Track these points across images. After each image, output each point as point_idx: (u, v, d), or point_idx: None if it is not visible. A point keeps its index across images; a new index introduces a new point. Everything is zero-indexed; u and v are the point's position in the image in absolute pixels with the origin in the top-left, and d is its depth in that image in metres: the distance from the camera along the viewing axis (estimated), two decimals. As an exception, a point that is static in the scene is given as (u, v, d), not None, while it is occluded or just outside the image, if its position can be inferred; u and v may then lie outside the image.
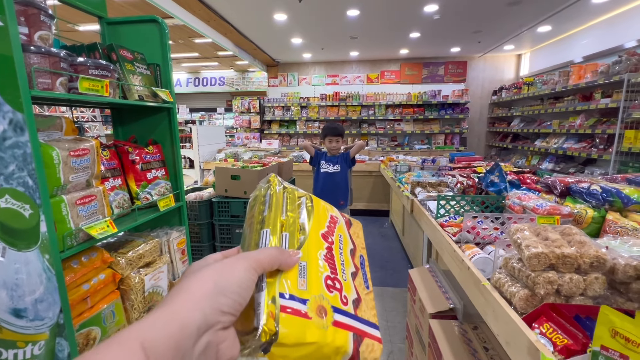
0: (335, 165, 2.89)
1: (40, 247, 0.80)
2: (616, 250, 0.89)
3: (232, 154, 4.98)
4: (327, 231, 0.42)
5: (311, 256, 0.36)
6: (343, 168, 2.90)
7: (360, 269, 0.43)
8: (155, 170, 1.29)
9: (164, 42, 1.27)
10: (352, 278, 0.40)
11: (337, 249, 0.41)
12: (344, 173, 2.91)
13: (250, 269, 0.30)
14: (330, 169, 2.89)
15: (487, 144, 7.19)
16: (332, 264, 0.38)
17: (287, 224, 0.38)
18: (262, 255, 0.31)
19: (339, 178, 2.89)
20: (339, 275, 0.38)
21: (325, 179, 2.90)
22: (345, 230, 0.46)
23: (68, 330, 0.85)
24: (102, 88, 0.94)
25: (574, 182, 1.52)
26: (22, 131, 0.74)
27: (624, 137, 3.31)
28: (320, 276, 0.35)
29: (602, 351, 0.65)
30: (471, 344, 1.21)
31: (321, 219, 0.43)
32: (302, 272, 0.34)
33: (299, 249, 0.36)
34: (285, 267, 0.33)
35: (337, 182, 2.89)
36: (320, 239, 0.39)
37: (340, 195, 2.90)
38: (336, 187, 2.89)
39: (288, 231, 0.37)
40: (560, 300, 0.87)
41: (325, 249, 0.39)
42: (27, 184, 0.77)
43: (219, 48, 6.12)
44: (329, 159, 2.92)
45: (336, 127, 2.93)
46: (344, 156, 2.93)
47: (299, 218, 0.40)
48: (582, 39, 5.00)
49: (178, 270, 1.35)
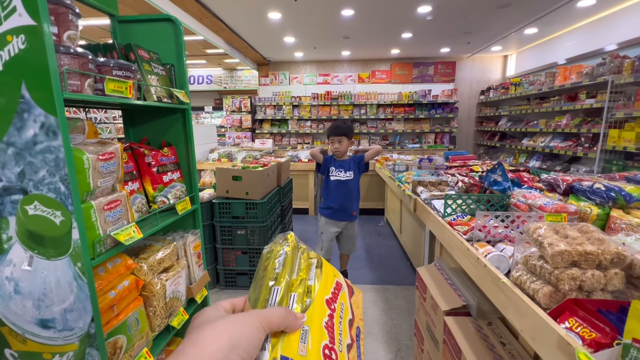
0: (348, 172, 2.52)
1: (71, 255, 0.78)
2: (632, 246, 0.94)
3: (226, 154, 4.92)
4: (331, 297, 0.43)
5: (314, 322, 0.37)
6: (356, 174, 2.55)
7: (356, 341, 0.44)
8: (170, 172, 1.27)
9: (179, 42, 1.25)
10: (347, 350, 0.41)
11: (338, 318, 0.42)
12: (357, 180, 2.58)
13: (260, 328, 0.31)
14: (342, 176, 2.51)
15: (475, 142, 7.37)
16: (331, 333, 0.39)
17: (297, 285, 0.39)
18: (271, 315, 0.32)
19: (352, 186, 2.54)
20: (336, 345, 0.38)
21: (338, 188, 2.52)
22: (347, 299, 0.47)
23: (99, 340, 0.83)
24: (126, 89, 0.91)
25: (576, 180, 1.59)
26: (55, 135, 0.72)
27: (608, 136, 3.46)
28: (319, 344, 0.36)
29: (634, 343, 0.69)
30: (488, 339, 1.24)
31: (327, 284, 0.44)
32: (304, 336, 0.35)
33: (304, 311, 0.37)
34: (290, 329, 0.34)
35: (350, 190, 2.53)
36: (324, 304, 0.40)
37: (354, 205, 2.58)
38: (350, 197, 2.54)
39: (296, 292, 0.38)
40: (582, 296, 0.91)
41: (327, 315, 0.40)
42: (59, 190, 0.74)
43: (208, 46, 6.01)
44: (339, 165, 2.54)
45: (338, 126, 2.51)
46: (357, 161, 2.57)
47: (308, 280, 0.41)
48: (566, 42, 5.20)
49: (195, 275, 1.33)
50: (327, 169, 2.57)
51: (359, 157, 2.58)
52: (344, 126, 2.52)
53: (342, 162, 2.55)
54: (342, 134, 2.49)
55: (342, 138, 2.49)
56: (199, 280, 1.36)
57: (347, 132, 2.52)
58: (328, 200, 2.57)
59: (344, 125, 2.53)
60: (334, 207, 2.53)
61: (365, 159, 2.56)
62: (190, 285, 1.31)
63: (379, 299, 2.62)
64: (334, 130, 2.51)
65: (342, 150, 2.51)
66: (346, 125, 2.53)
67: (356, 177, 2.55)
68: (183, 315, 1.23)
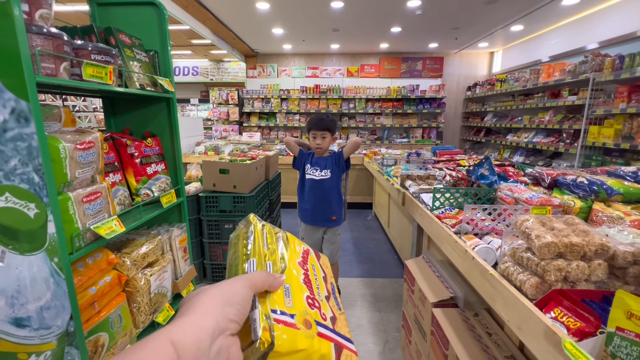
0: (324, 170, 2.21)
1: (47, 249, 0.73)
2: (615, 238, 0.96)
3: (213, 147, 4.82)
4: (302, 260, 0.47)
5: (293, 279, 0.41)
6: (335, 173, 2.23)
7: (332, 293, 0.49)
8: (155, 164, 1.22)
9: (163, 27, 1.19)
10: (327, 300, 0.45)
11: (312, 275, 0.46)
12: (336, 179, 2.25)
13: (247, 287, 0.35)
14: (317, 175, 2.21)
15: (461, 138, 7.49)
16: (310, 287, 0.43)
17: (269, 255, 0.43)
18: (254, 276, 0.36)
19: (329, 186, 2.22)
20: (316, 296, 0.43)
21: (312, 188, 2.23)
22: (316, 261, 0.52)
23: (79, 338, 0.79)
24: (106, 75, 0.86)
25: (560, 174, 1.62)
26: (27, 122, 0.67)
27: (589, 133, 3.57)
28: (302, 296, 0.40)
29: (617, 332, 0.70)
30: (475, 330, 1.26)
31: (296, 250, 0.48)
32: (287, 292, 0.39)
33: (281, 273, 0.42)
34: (273, 288, 0.38)
35: (326, 191, 2.22)
36: (298, 266, 0.45)
37: (332, 208, 2.26)
38: (326, 199, 2.23)
39: (271, 260, 0.42)
40: (567, 286, 0.93)
41: (302, 274, 0.44)
42: (32, 180, 0.69)
43: (194, 36, 5.85)
44: (315, 162, 2.24)
45: (322, 119, 2.19)
46: (335, 158, 2.25)
47: (278, 249, 0.45)
48: (550, 39, 5.30)
49: (181, 270, 1.30)
50: (302, 165, 2.28)
51: (338, 153, 2.27)
52: (328, 119, 2.22)
53: (319, 159, 2.25)
54: (325, 128, 2.18)
55: (325, 133, 2.20)
56: (185, 275, 1.32)
57: (331, 127, 2.22)
58: (303, 202, 2.31)
59: (328, 119, 2.23)
60: (309, 209, 2.27)
61: (344, 155, 2.25)
62: (176, 280, 1.27)
63: (367, 292, 2.64)
64: (317, 123, 2.18)
65: (324, 147, 2.23)
66: (330, 119, 2.23)
67: (335, 176, 2.23)
68: (169, 311, 1.20)
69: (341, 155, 2.25)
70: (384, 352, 1.96)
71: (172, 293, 1.25)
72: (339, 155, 2.25)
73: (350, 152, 2.25)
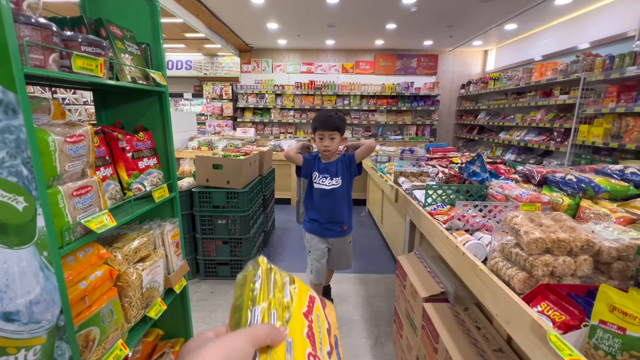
0: (335, 178, 1.96)
1: (36, 243, 0.72)
2: (601, 234, 0.99)
3: (206, 142, 4.79)
4: (308, 310, 0.46)
5: (296, 333, 0.40)
6: (345, 180, 1.99)
7: (335, 348, 0.47)
8: (147, 158, 1.21)
9: (155, 20, 1.17)
10: (329, 356, 0.44)
11: (317, 327, 0.45)
12: (347, 186, 2.02)
13: (250, 342, 0.33)
14: (328, 184, 1.96)
15: (455, 135, 7.54)
16: (312, 342, 0.42)
17: (275, 303, 0.42)
18: (258, 330, 0.35)
19: (340, 195, 1.98)
20: (318, 352, 0.41)
21: (323, 199, 1.98)
22: (321, 310, 0.50)
23: (69, 332, 0.78)
24: (96, 67, 0.85)
25: (550, 172, 1.65)
26: (15, 114, 0.66)
27: (579, 131, 3.62)
28: (304, 352, 0.39)
29: (600, 325, 0.73)
30: (464, 324, 1.29)
31: (302, 299, 0.47)
32: (289, 347, 0.37)
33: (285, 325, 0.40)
34: (276, 342, 0.36)
35: (338, 201, 1.99)
36: (302, 317, 0.44)
37: (344, 218, 2.04)
38: (337, 209, 2.00)
39: (276, 309, 0.41)
40: (554, 281, 0.95)
41: (307, 327, 0.43)
42: (20, 173, 0.68)
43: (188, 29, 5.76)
44: (324, 168, 1.97)
45: (330, 117, 1.89)
46: (346, 162, 1.99)
47: (284, 297, 0.44)
48: (543, 39, 5.36)
49: (173, 265, 1.29)
50: (309, 173, 2.00)
51: (349, 156, 1.99)
52: (337, 117, 1.91)
53: (327, 165, 1.98)
54: (334, 127, 1.89)
55: (334, 134, 1.90)
56: (177, 270, 1.32)
57: (341, 126, 1.92)
58: (312, 213, 2.05)
59: (337, 116, 1.91)
60: (320, 220, 2.03)
61: (357, 158, 1.97)
62: (168, 275, 1.27)
63: (360, 287, 2.67)
64: (325, 122, 1.88)
65: (333, 149, 1.93)
66: (339, 116, 1.92)
67: (346, 182, 2.00)
68: (161, 305, 1.20)
69: (352, 159, 1.98)
70: (375, 347, 1.98)
71: (165, 288, 1.25)
72: (350, 159, 1.99)
73: (363, 157, 1.98)
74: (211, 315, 2.29)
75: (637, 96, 2.94)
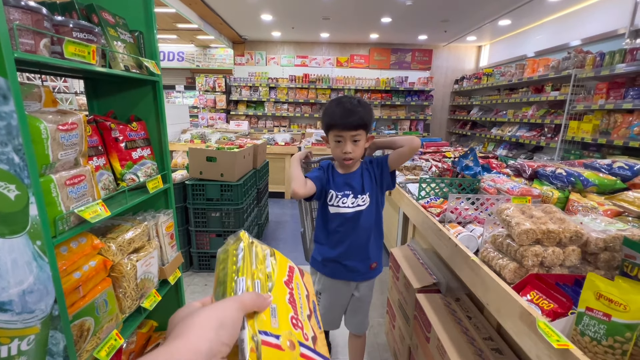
0: (361, 196, 1.31)
1: (29, 232, 0.71)
2: (589, 226, 1.02)
3: (199, 135, 4.73)
4: (288, 279, 0.49)
5: (279, 299, 0.43)
6: (375, 197, 1.34)
7: (313, 312, 0.51)
8: (140, 149, 1.20)
9: (148, 7, 1.15)
10: (309, 319, 0.47)
11: (297, 294, 0.48)
12: (377, 207, 1.36)
13: (238, 309, 0.36)
14: (350, 206, 1.30)
15: (448, 130, 7.60)
16: (294, 307, 0.45)
17: (257, 273, 0.44)
18: (244, 298, 0.37)
19: (368, 220, 1.33)
20: (299, 316, 0.45)
21: (342, 228, 1.33)
22: (300, 279, 0.53)
23: (63, 322, 0.78)
24: (89, 54, 0.83)
25: (540, 166, 1.68)
26: (6, 99, 0.64)
27: (569, 127, 3.68)
28: (287, 316, 0.42)
29: (587, 312, 0.75)
30: (456, 314, 1.32)
31: (283, 269, 0.50)
32: (274, 313, 0.40)
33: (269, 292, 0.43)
34: (261, 309, 0.39)
35: (365, 229, 1.33)
36: (284, 285, 0.47)
37: (371, 251, 1.38)
38: (364, 240, 1.35)
39: (259, 279, 0.43)
40: (543, 271, 0.98)
41: (288, 294, 0.46)
42: (12, 161, 0.67)
43: (180, 20, 5.65)
44: (343, 183, 1.32)
45: (353, 110, 1.19)
46: (375, 172, 1.34)
47: (266, 268, 0.47)
48: (536, 35, 5.40)
49: (167, 256, 1.29)
50: (323, 191, 1.33)
51: (378, 161, 1.34)
52: (362, 108, 1.20)
53: (348, 177, 1.32)
54: (359, 124, 1.20)
55: (359, 133, 1.22)
56: (172, 261, 1.32)
57: (368, 121, 1.22)
58: (325, 249, 1.37)
59: (361, 107, 1.21)
60: (336, 258, 1.36)
61: (391, 164, 1.32)
62: (162, 266, 1.27)
63: (353, 279, 2.69)
64: (345, 117, 1.19)
65: (357, 156, 1.26)
66: (364, 107, 1.22)
67: (375, 201, 1.34)
68: (155, 296, 1.20)
69: (384, 166, 1.32)
70: (368, 338, 2.01)
71: (159, 279, 1.25)
72: (381, 165, 1.32)
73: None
74: (205, 308, 2.29)
75: (626, 93, 3.00)
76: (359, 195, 1.32)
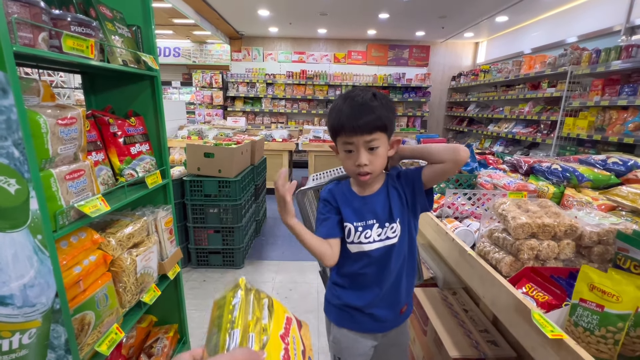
0: (390, 225, 0.97)
1: (30, 226, 0.72)
2: (583, 220, 1.03)
3: (196, 131, 4.71)
4: (284, 332, 0.48)
5: (273, 356, 0.42)
6: (407, 223, 1.00)
7: None
8: (139, 144, 1.20)
9: (146, 1, 1.14)
10: None
11: (292, 350, 0.47)
12: (409, 234, 1.01)
13: None
14: (376, 240, 0.97)
15: (445, 127, 7.62)
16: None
17: (253, 325, 0.43)
18: (237, 355, 0.36)
19: (398, 257, 0.99)
20: None
21: (368, 269, 1.00)
22: (297, 332, 0.52)
23: (65, 316, 0.78)
24: (87, 49, 0.83)
25: (536, 161, 1.70)
26: (5, 93, 0.64)
27: (564, 124, 3.71)
28: None
29: (580, 303, 0.77)
30: (452, 307, 1.34)
31: (280, 321, 0.48)
32: None
33: (263, 348, 0.42)
34: None
35: (396, 268, 1.00)
36: (279, 340, 0.45)
37: (402, 293, 1.04)
38: (394, 281, 1.02)
39: (254, 332, 0.42)
40: (538, 264, 1.00)
41: (283, 349, 0.45)
42: (12, 155, 0.67)
43: (176, 15, 5.60)
44: (364, 209, 0.99)
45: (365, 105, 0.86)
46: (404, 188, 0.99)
47: (262, 319, 0.45)
48: (532, 31, 5.41)
49: (167, 251, 1.29)
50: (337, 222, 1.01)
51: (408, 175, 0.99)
52: (378, 103, 0.88)
53: (368, 200, 1.00)
54: (376, 126, 0.88)
55: (375, 138, 0.89)
56: (171, 256, 1.32)
57: (388, 120, 0.89)
58: (347, 293, 1.05)
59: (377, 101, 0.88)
60: (361, 307, 1.04)
61: (426, 181, 0.96)
62: (162, 261, 1.27)
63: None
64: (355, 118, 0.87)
65: (376, 169, 0.93)
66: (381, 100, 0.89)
67: (407, 228, 1.00)
68: (155, 291, 1.20)
69: (417, 181, 0.97)
70: (366, 331, 2.03)
71: (159, 274, 1.25)
72: (413, 180, 0.98)
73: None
74: (203, 303, 2.30)
75: (621, 89, 3.02)
76: (386, 224, 0.97)
